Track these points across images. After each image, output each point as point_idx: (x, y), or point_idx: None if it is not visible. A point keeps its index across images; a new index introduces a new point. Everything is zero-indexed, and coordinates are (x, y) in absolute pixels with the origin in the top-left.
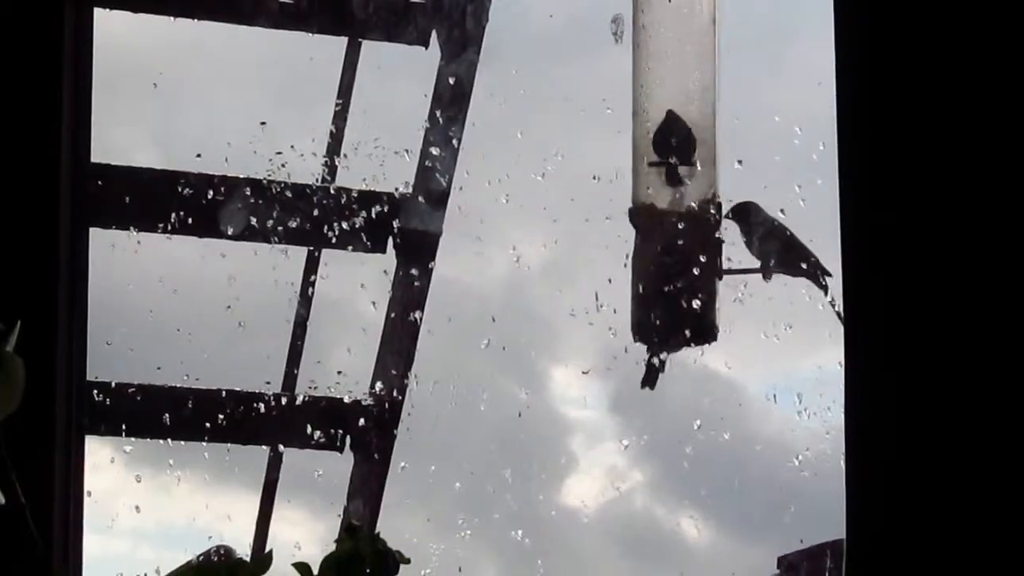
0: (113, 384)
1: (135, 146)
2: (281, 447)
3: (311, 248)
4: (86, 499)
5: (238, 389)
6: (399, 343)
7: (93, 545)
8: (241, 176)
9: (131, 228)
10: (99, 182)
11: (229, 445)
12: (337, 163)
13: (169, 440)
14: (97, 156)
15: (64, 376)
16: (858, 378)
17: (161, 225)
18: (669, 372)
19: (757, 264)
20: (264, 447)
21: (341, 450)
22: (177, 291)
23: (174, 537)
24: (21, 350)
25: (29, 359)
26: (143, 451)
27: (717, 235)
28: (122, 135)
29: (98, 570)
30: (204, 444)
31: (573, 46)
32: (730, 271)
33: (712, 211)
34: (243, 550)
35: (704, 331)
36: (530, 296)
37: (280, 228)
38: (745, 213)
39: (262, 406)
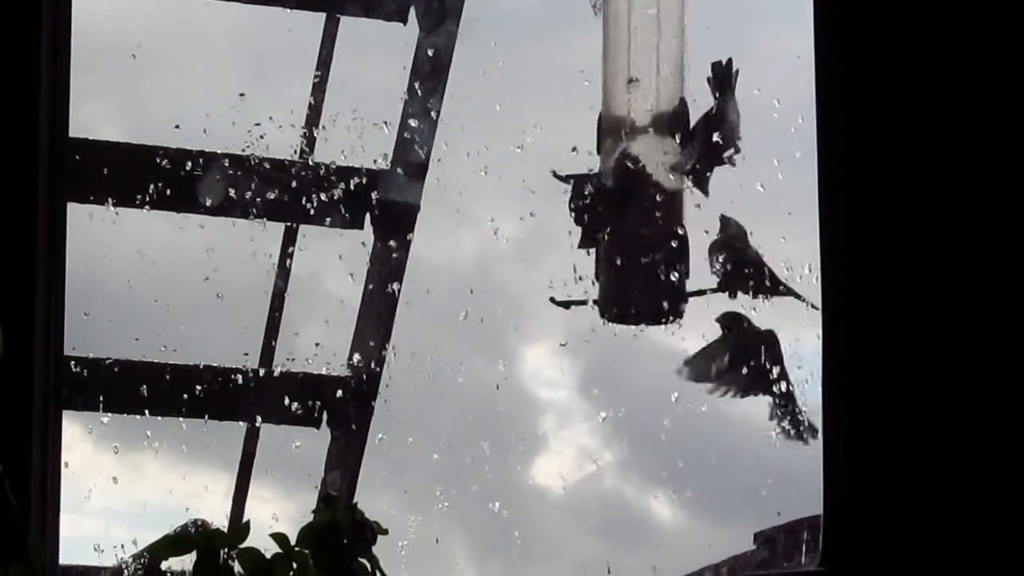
0: (91, 357)
1: (110, 120)
2: (259, 419)
3: (289, 222)
4: (63, 470)
5: (215, 364)
6: (377, 315)
7: (66, 525)
8: (219, 151)
9: (109, 203)
10: (77, 156)
11: (206, 420)
12: (316, 135)
13: (147, 412)
14: (74, 131)
15: (42, 350)
16: (835, 352)
17: (139, 198)
18: (645, 346)
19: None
20: (241, 423)
21: (318, 426)
22: (155, 262)
23: (148, 516)
24: None
25: (7, 332)
26: (120, 423)
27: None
28: (96, 110)
29: (72, 551)
30: (182, 420)
31: (552, 19)
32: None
33: (688, 183)
34: (220, 525)
35: (676, 306)
36: (508, 268)
37: (258, 201)
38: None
39: (240, 379)
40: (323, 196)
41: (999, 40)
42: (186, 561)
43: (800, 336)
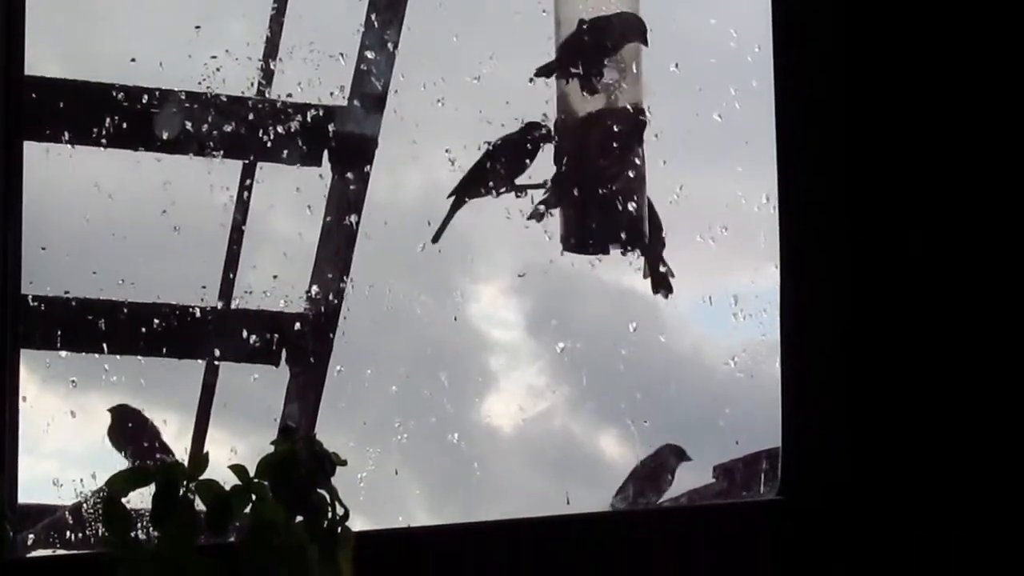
0: (49, 294)
1: (64, 57)
2: (217, 353)
3: (246, 158)
4: (21, 404)
5: (173, 301)
6: (335, 247)
7: (23, 465)
8: (175, 87)
9: (64, 139)
10: (32, 95)
11: (164, 353)
12: (273, 68)
13: (105, 349)
14: (28, 69)
15: None
16: (793, 282)
17: (95, 132)
18: (602, 278)
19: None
20: (200, 361)
21: (277, 364)
22: (112, 196)
23: (106, 453)
24: None
25: None
26: (78, 359)
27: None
28: (51, 47)
29: (30, 490)
30: (140, 357)
31: None
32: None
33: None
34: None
35: (636, 235)
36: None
37: (215, 135)
38: None
39: (198, 313)
40: (280, 129)
41: None
42: (145, 495)
43: (758, 267)
